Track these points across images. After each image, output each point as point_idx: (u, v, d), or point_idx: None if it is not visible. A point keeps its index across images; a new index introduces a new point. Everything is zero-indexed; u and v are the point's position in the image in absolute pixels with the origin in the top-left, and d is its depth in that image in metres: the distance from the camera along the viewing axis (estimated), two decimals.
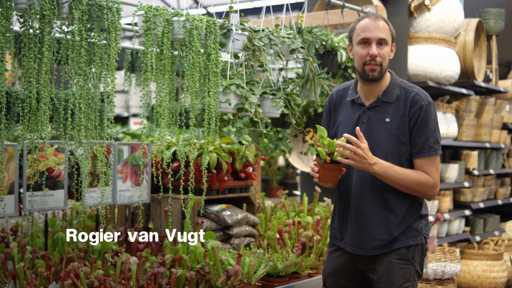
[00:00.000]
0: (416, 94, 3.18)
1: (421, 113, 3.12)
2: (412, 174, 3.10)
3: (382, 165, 3.03)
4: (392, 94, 3.17)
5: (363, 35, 3.11)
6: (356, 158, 2.96)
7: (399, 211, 3.15)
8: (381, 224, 3.15)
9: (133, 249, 3.77)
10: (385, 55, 3.12)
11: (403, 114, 3.13)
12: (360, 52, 3.13)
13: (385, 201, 3.15)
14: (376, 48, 3.09)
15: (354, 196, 3.19)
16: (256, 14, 10.78)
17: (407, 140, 3.13)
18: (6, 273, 3.37)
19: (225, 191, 4.28)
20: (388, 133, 3.11)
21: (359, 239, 3.19)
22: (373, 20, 3.13)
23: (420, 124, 3.12)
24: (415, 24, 6.26)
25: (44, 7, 3.08)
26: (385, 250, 3.16)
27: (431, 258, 6.07)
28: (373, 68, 3.10)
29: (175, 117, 3.87)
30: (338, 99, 3.32)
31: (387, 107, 3.16)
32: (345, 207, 3.26)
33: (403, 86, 3.22)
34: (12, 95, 4.19)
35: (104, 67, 3.33)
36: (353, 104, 3.24)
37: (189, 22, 3.71)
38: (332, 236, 3.39)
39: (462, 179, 6.96)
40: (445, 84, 6.43)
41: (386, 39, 3.12)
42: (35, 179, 3.57)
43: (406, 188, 3.11)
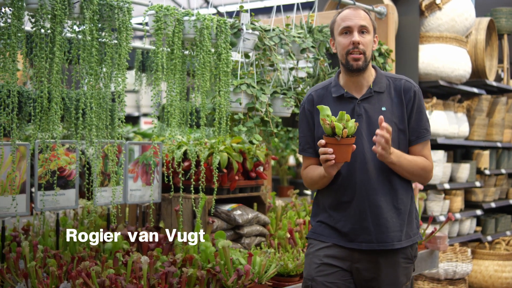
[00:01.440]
0: (406, 81, 3.17)
1: (415, 98, 3.12)
2: (419, 160, 3.09)
3: (397, 153, 3.00)
4: (382, 84, 3.13)
5: (344, 24, 3.06)
6: (386, 146, 2.91)
7: (404, 203, 3.11)
8: (394, 216, 3.07)
9: (144, 249, 3.77)
10: (367, 43, 3.06)
11: (397, 101, 3.11)
12: (343, 42, 3.07)
13: (394, 192, 3.08)
14: (358, 35, 3.04)
15: (360, 190, 3.06)
16: (266, 13, 10.77)
17: (405, 127, 3.10)
18: (18, 272, 3.38)
19: (236, 190, 4.28)
20: (387, 121, 3.04)
21: (375, 233, 3.04)
22: (353, 9, 3.10)
23: (417, 109, 3.11)
24: (426, 23, 6.24)
25: (56, 7, 3.09)
26: (397, 246, 3.06)
27: (442, 258, 6.05)
28: (357, 57, 3.04)
29: (185, 116, 3.87)
30: (318, 99, 3.20)
31: (380, 96, 3.11)
32: (348, 204, 3.09)
33: (389, 76, 3.20)
34: (23, 94, 4.20)
35: (115, 67, 3.34)
36: (341, 99, 3.14)
37: (199, 21, 3.71)
38: (321, 234, 3.18)
39: (474, 178, 6.94)
40: (456, 83, 6.40)
41: (367, 27, 3.06)
42: (46, 179, 3.58)
43: (413, 175, 3.10)
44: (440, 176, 6.24)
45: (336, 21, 3.12)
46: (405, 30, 6.06)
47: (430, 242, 4.88)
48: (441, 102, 6.32)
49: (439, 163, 6.21)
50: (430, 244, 4.88)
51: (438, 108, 6.27)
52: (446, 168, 6.38)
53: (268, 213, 4.64)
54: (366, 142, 3.05)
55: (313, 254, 3.16)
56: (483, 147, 7.37)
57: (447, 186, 6.34)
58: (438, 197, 6.28)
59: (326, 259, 3.11)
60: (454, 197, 6.62)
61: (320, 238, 3.18)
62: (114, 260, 3.50)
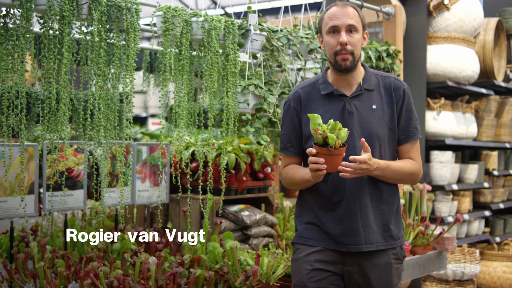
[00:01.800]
0: (395, 79, 3.10)
1: (405, 96, 3.06)
2: (405, 166, 3.03)
3: (381, 166, 2.92)
4: (371, 82, 3.06)
5: (331, 23, 2.97)
6: (361, 173, 2.86)
7: (391, 202, 3.06)
8: (378, 217, 3.01)
9: (152, 249, 3.78)
10: (355, 42, 2.97)
11: (387, 100, 3.05)
12: (330, 42, 2.99)
13: (380, 193, 3.03)
14: (346, 35, 2.95)
15: (350, 190, 2.98)
16: (274, 14, 10.77)
17: (395, 126, 3.04)
18: (27, 272, 3.39)
19: (244, 191, 4.28)
20: (378, 119, 3.01)
21: (364, 234, 2.98)
22: (341, 7, 2.99)
23: (406, 107, 3.06)
24: (434, 24, 6.22)
25: (64, 8, 3.10)
26: (385, 246, 3.02)
27: (451, 259, 6.03)
28: (345, 57, 2.96)
29: (193, 117, 3.87)
30: (306, 96, 3.11)
31: (370, 94, 3.05)
32: (337, 204, 3.00)
33: (377, 74, 3.13)
34: (32, 95, 4.22)
35: (123, 68, 3.34)
36: (330, 96, 3.06)
37: (207, 22, 3.72)
38: (308, 237, 3.09)
39: (482, 179, 6.92)
40: (464, 84, 6.39)
41: (355, 26, 2.96)
42: (54, 179, 3.59)
43: (400, 181, 3.08)
44: (448, 177, 6.23)
45: (324, 19, 3.04)
46: (413, 30, 6.05)
47: (438, 243, 4.86)
48: (449, 102, 6.31)
49: (447, 164, 6.19)
50: (438, 245, 4.86)
51: (446, 108, 6.25)
52: (454, 169, 6.37)
53: (275, 214, 4.64)
54: (357, 141, 2.98)
55: (303, 259, 3.07)
56: (492, 148, 7.35)
57: (455, 187, 6.32)
58: (446, 198, 6.26)
59: (317, 264, 3.03)
60: (462, 198, 6.60)
61: (308, 242, 3.08)
62: (122, 261, 3.51)
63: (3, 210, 3.56)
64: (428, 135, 6.15)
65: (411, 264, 4.58)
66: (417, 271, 4.66)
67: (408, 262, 4.54)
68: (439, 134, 6.16)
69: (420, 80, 6.01)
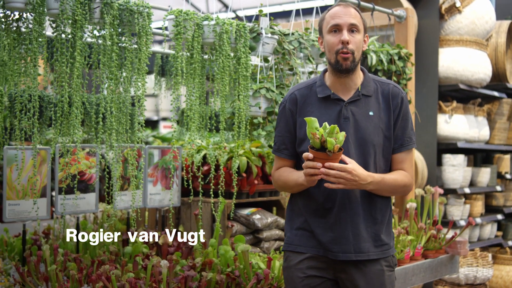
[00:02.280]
0: (394, 86, 3.03)
1: (402, 105, 2.99)
2: (399, 178, 2.96)
3: (375, 180, 2.85)
4: (369, 87, 2.99)
5: (333, 22, 2.91)
6: (344, 182, 2.75)
7: (384, 212, 3.00)
8: (370, 225, 2.95)
9: (163, 252, 3.78)
10: (357, 42, 2.91)
11: (384, 107, 2.98)
12: (331, 41, 2.92)
13: (373, 202, 2.96)
14: (347, 34, 2.89)
15: (342, 198, 2.92)
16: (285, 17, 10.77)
17: (391, 134, 2.97)
18: (39, 275, 3.40)
19: (255, 194, 4.28)
20: (374, 127, 2.94)
21: (354, 243, 2.92)
22: (343, 7, 2.94)
23: (403, 116, 2.99)
24: (446, 27, 6.20)
25: (76, 12, 3.11)
26: (377, 256, 2.95)
27: (463, 263, 6.01)
28: (346, 56, 2.88)
29: (205, 120, 3.87)
30: (302, 98, 3.03)
31: (367, 100, 2.97)
32: (328, 211, 2.95)
33: (376, 80, 3.06)
34: (44, 99, 4.24)
35: (135, 71, 3.35)
36: (327, 100, 2.98)
37: (219, 26, 3.72)
38: (298, 244, 3.03)
39: (494, 183, 6.88)
40: (476, 87, 6.36)
41: (357, 26, 2.90)
42: (67, 183, 3.60)
43: (393, 193, 3.03)
44: (460, 180, 6.20)
45: (325, 19, 2.98)
46: (424, 33, 6.03)
47: (451, 247, 4.85)
48: (461, 106, 6.28)
49: (459, 167, 6.17)
50: (450, 249, 4.85)
51: (458, 112, 6.23)
52: (466, 172, 6.34)
53: None
54: (352, 148, 2.91)
55: (295, 267, 3.01)
56: (504, 151, 7.32)
57: (467, 191, 6.29)
58: (458, 202, 6.24)
59: (309, 271, 2.98)
60: (474, 201, 6.57)
61: (297, 249, 3.02)
62: (133, 264, 3.51)
63: (16, 213, 3.57)
64: (440, 138, 6.12)
65: (423, 268, 4.56)
66: (429, 275, 4.64)
67: (420, 265, 4.53)
68: (451, 137, 6.13)
69: (432, 83, 6.00)
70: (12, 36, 3.13)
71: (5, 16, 3.12)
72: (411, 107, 5.51)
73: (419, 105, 5.87)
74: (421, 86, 5.94)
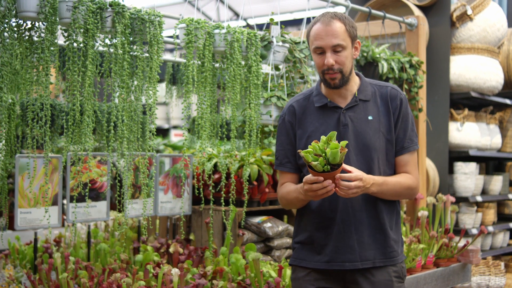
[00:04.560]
0: (392, 88, 2.98)
1: (402, 106, 2.94)
2: (402, 181, 2.91)
3: (377, 182, 2.80)
4: (367, 92, 2.96)
5: (316, 43, 2.86)
6: (358, 191, 2.72)
7: (390, 219, 2.95)
8: (377, 233, 2.91)
9: (174, 261, 3.78)
10: (343, 60, 2.84)
11: (384, 110, 2.94)
12: (317, 61, 2.89)
13: (378, 209, 2.92)
14: (331, 56, 2.83)
15: (345, 207, 2.89)
16: (296, 25, 10.80)
17: (392, 137, 2.93)
18: (50, 283, 3.41)
19: (266, 202, 4.28)
20: (374, 131, 2.91)
21: (359, 251, 2.88)
22: (325, 24, 2.84)
23: (402, 118, 2.94)
24: (457, 34, 6.19)
25: (88, 21, 3.13)
26: (384, 263, 2.90)
27: (475, 272, 5.97)
28: (332, 77, 2.86)
29: (216, 129, 3.88)
30: (300, 109, 3.00)
31: (365, 105, 2.94)
32: (330, 222, 2.91)
33: (374, 83, 3.02)
34: (56, 107, 4.26)
35: (146, 80, 3.36)
36: (324, 109, 2.96)
37: (230, 34, 3.73)
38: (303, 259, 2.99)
39: (507, 191, 6.85)
40: (488, 94, 6.34)
41: (342, 44, 2.82)
42: (78, 191, 3.61)
43: (397, 196, 2.95)
44: (472, 188, 6.17)
45: (310, 36, 2.92)
46: (436, 41, 6.02)
47: (463, 256, 4.82)
48: (473, 113, 6.26)
49: (471, 175, 6.14)
50: (463, 257, 4.82)
51: (470, 119, 6.20)
52: (478, 180, 6.31)
53: None
54: (353, 155, 2.88)
55: (303, 279, 2.99)
56: None
57: (479, 199, 6.26)
58: (470, 210, 6.21)
59: (318, 282, 2.95)
60: (486, 209, 6.54)
61: (302, 264, 3.00)
62: (145, 272, 3.52)
63: (27, 221, 3.59)
64: (451, 146, 6.10)
65: (435, 277, 4.54)
66: (441, 284, 4.62)
67: (432, 274, 4.50)
68: (462, 145, 6.11)
69: (443, 91, 5.98)
70: (25, 45, 3.15)
71: (17, 26, 3.14)
72: (422, 115, 5.50)
73: (431, 113, 5.86)
74: (433, 94, 5.93)
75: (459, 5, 6.14)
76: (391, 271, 2.93)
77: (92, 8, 3.14)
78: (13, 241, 4.20)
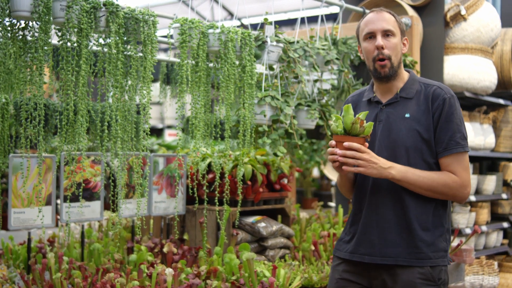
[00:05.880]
0: (438, 87, 2.96)
1: (444, 106, 2.89)
2: (436, 176, 2.85)
3: (400, 168, 2.81)
4: (411, 90, 2.96)
5: (367, 29, 2.94)
6: (363, 163, 2.75)
7: (422, 220, 2.90)
8: (404, 232, 2.89)
9: (168, 261, 3.78)
10: (393, 46, 2.91)
11: (424, 109, 2.91)
12: (368, 48, 2.95)
13: (406, 207, 2.88)
14: (382, 39, 2.90)
15: (370, 202, 2.94)
16: (290, 25, 10.81)
17: (431, 136, 2.89)
18: (44, 283, 3.40)
19: (260, 202, 4.28)
20: (409, 129, 2.89)
21: (380, 246, 2.90)
22: (377, 12, 2.96)
23: (445, 118, 2.88)
24: (451, 34, 6.20)
25: (82, 21, 3.12)
26: (408, 263, 2.86)
27: (469, 271, 5.98)
28: (382, 64, 2.90)
29: (210, 128, 3.88)
30: (354, 104, 3.09)
31: (406, 102, 2.94)
32: (359, 215, 3.00)
33: (423, 82, 3.01)
34: (50, 107, 4.25)
35: (140, 80, 3.36)
36: (370, 103, 3.04)
37: (224, 34, 3.73)
38: (338, 249, 3.09)
39: (500, 190, 6.86)
40: (482, 94, 6.35)
41: (392, 30, 2.91)
42: (72, 190, 3.60)
43: (431, 191, 2.86)
44: None
45: (360, 27, 3.01)
46: (430, 41, 6.03)
47: (456, 255, 4.83)
48: (466, 113, 6.27)
49: None
50: (456, 257, 4.83)
51: (464, 119, 6.21)
52: (472, 180, 6.32)
53: (292, 225, 4.63)
54: (384, 151, 2.90)
55: (334, 268, 3.09)
56: (510, 159, 7.29)
57: (473, 198, 6.27)
58: (464, 210, 6.22)
59: (344, 274, 3.01)
60: (480, 209, 6.55)
61: (336, 253, 3.10)
62: (138, 272, 3.51)
63: (21, 221, 3.58)
64: None
65: None
66: None
67: None
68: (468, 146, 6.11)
69: None
70: (18, 45, 3.14)
71: (11, 25, 3.13)
72: None
73: None
74: None
75: (453, 5, 6.15)
76: (416, 273, 2.87)
77: (86, 7, 3.14)
78: (7, 241, 4.19)
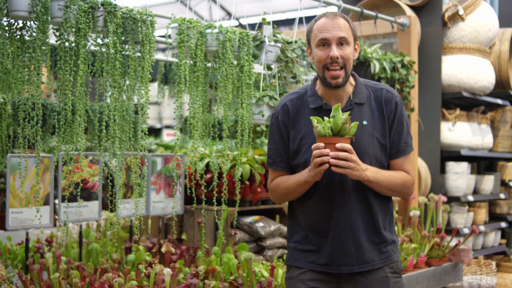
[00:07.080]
0: (387, 91, 2.90)
1: (397, 110, 2.87)
2: (397, 176, 2.85)
3: (372, 170, 2.75)
4: (362, 95, 2.87)
5: (321, 35, 2.78)
6: (352, 165, 2.64)
7: (383, 220, 2.89)
8: (373, 235, 2.87)
9: (166, 260, 3.78)
10: (347, 55, 2.78)
11: (378, 114, 2.86)
12: (319, 55, 2.79)
13: (371, 209, 2.85)
14: (336, 49, 2.76)
15: (342, 210, 2.83)
16: (288, 25, 10.80)
17: (386, 142, 2.86)
18: (42, 283, 3.40)
19: (258, 202, 4.28)
20: (368, 136, 2.84)
21: (357, 256, 2.84)
22: (331, 18, 2.79)
23: (397, 121, 2.86)
24: (449, 34, 6.21)
25: (80, 21, 3.12)
26: (383, 263, 2.87)
27: (467, 271, 5.99)
28: (336, 74, 2.77)
29: (208, 128, 3.88)
30: (294, 109, 2.91)
31: (360, 109, 2.86)
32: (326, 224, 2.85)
33: (369, 85, 2.94)
34: (47, 107, 4.25)
35: (138, 79, 3.36)
36: (319, 110, 2.86)
37: (222, 34, 3.73)
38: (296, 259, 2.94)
39: (498, 190, 6.87)
40: (480, 94, 6.36)
41: (347, 38, 2.78)
42: (70, 190, 3.60)
43: (392, 191, 2.86)
44: (463, 188, 6.19)
45: (313, 31, 2.84)
46: (428, 41, 6.04)
47: (454, 255, 4.83)
48: (464, 113, 6.28)
49: (463, 175, 6.16)
50: (454, 256, 4.83)
51: (462, 119, 6.22)
52: (470, 180, 6.33)
53: None
54: None
55: (297, 278, 2.93)
56: (507, 159, 7.31)
57: (471, 198, 6.28)
58: (461, 209, 6.23)
59: (311, 283, 2.89)
60: (478, 209, 6.56)
61: (296, 264, 2.93)
62: (136, 272, 3.51)
63: (19, 221, 3.58)
64: (443, 146, 6.12)
65: (426, 276, 4.55)
66: (433, 283, 4.63)
67: (423, 273, 4.52)
68: (454, 145, 6.13)
69: (435, 91, 5.99)
70: (16, 45, 3.14)
71: (9, 25, 3.13)
72: (414, 115, 5.51)
73: (422, 113, 5.87)
74: (424, 94, 5.94)
75: (451, 5, 6.16)
76: (386, 268, 2.89)
77: (84, 7, 3.14)
78: (5, 241, 4.19)
